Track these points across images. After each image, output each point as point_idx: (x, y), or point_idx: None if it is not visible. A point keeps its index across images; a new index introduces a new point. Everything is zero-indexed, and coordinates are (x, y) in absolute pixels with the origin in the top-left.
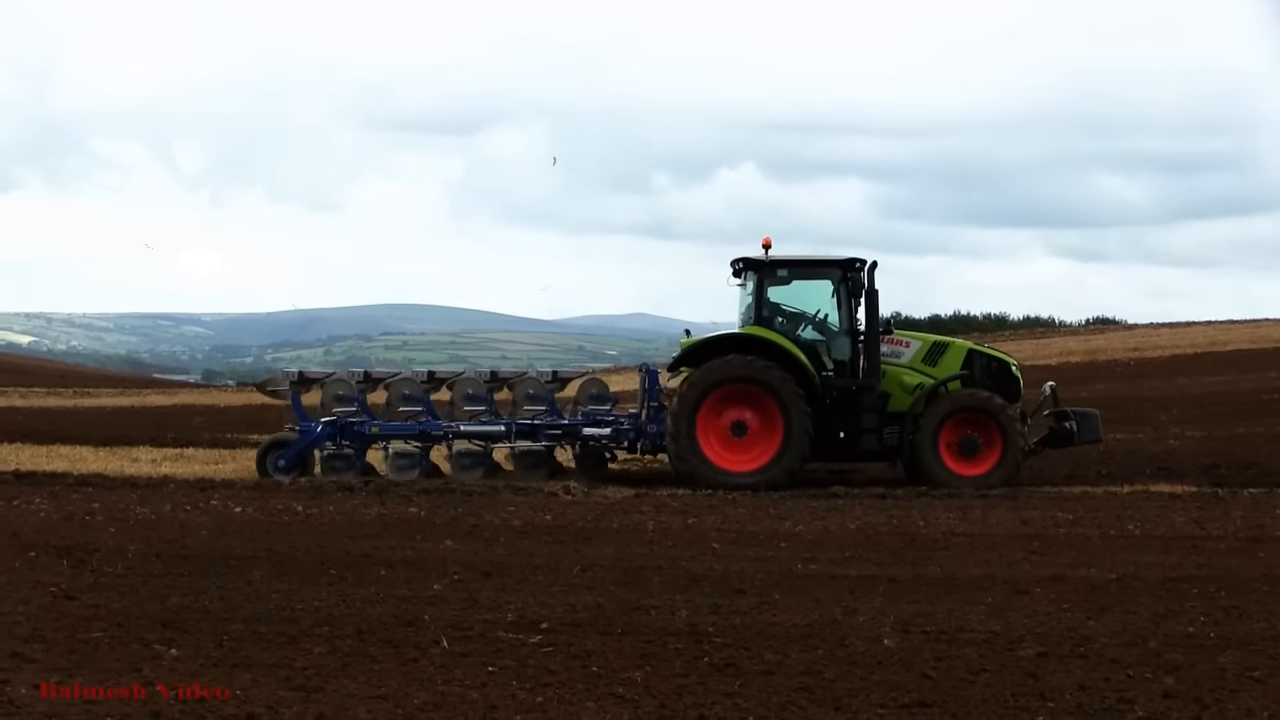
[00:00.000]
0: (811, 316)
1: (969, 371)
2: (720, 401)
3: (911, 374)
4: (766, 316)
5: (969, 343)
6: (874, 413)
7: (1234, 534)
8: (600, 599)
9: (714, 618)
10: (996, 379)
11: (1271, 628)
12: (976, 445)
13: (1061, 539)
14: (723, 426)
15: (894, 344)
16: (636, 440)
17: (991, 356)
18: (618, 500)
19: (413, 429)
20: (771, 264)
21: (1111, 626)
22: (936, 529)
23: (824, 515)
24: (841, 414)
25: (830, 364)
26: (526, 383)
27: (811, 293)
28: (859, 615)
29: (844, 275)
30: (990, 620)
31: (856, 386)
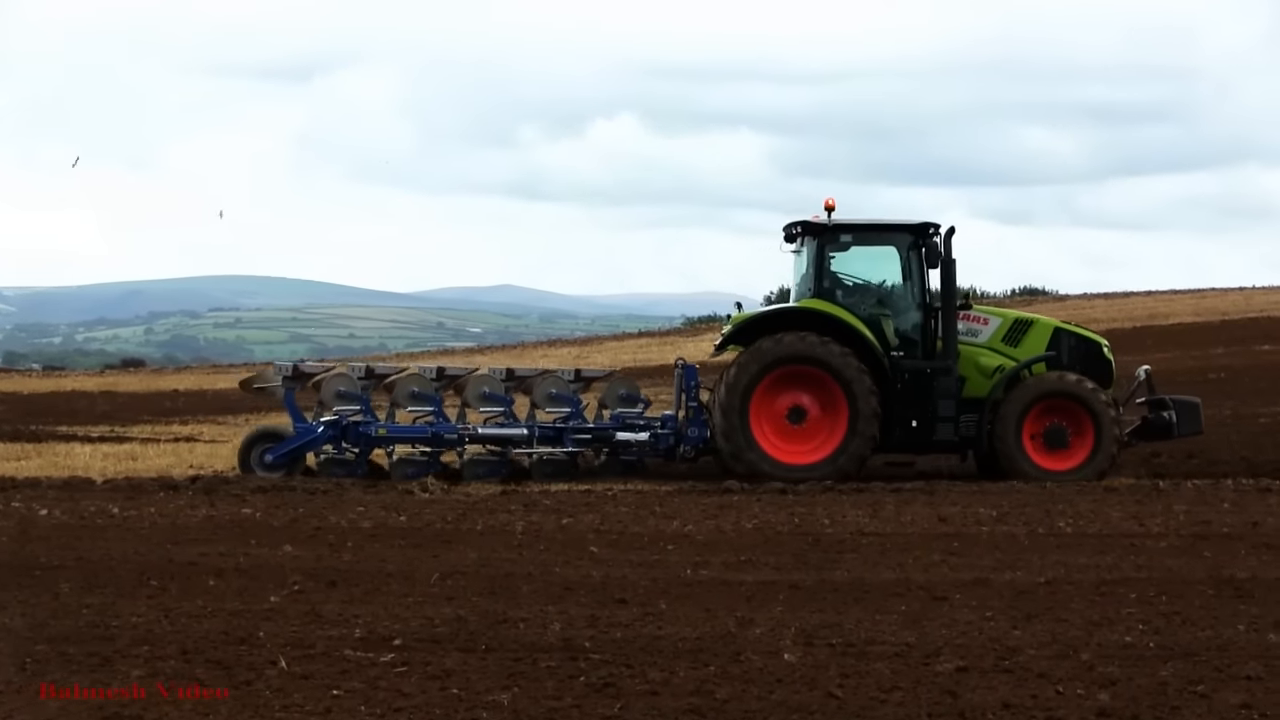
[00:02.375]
0: (877, 288)
1: (1056, 353)
2: (775, 385)
3: (990, 355)
4: (828, 288)
5: (1055, 320)
6: (949, 398)
7: (1176, 531)
8: (462, 611)
9: (591, 631)
10: (1085, 362)
11: (1218, 636)
12: (1065, 436)
13: (984, 538)
14: (778, 413)
15: (970, 320)
16: (677, 444)
17: (1081, 336)
18: (482, 498)
19: (424, 432)
20: (835, 228)
21: (1040, 636)
22: (844, 528)
23: (716, 514)
24: (913, 399)
25: (897, 342)
26: (548, 381)
27: (876, 261)
28: (756, 626)
29: (916, 242)
30: (904, 631)
31: (930, 368)
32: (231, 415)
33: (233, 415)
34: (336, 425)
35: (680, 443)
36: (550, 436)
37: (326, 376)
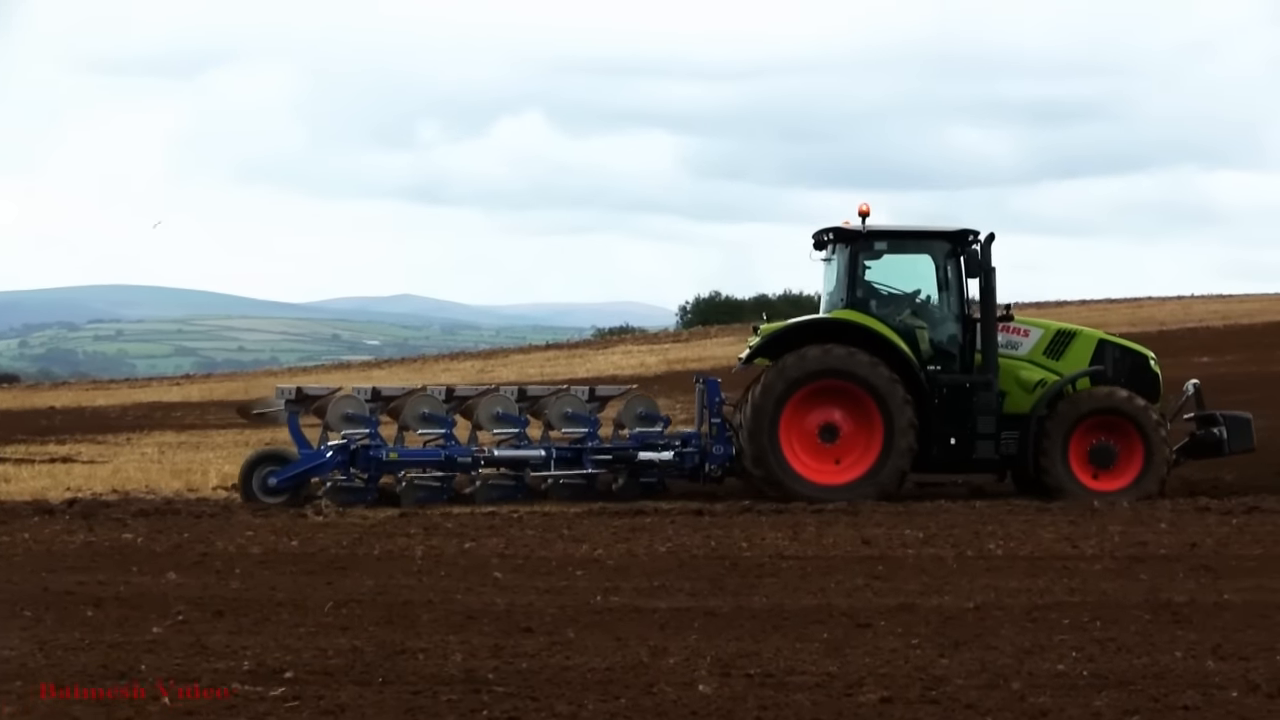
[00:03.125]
0: (912, 298)
1: (1102, 366)
2: (806, 401)
3: (1031, 368)
4: (861, 298)
5: (1099, 332)
6: (990, 414)
7: (1111, 553)
8: (357, 641)
9: (495, 661)
10: (1131, 375)
11: (1154, 663)
12: (1113, 454)
13: (910, 562)
14: (808, 430)
15: (1010, 332)
16: (702, 464)
17: (1126, 349)
18: (379, 521)
19: (436, 455)
20: (869, 235)
21: (968, 665)
22: (763, 552)
23: (628, 537)
24: (951, 415)
25: (933, 355)
26: (563, 400)
27: (910, 270)
28: (670, 656)
29: (954, 250)
30: (826, 660)
31: (970, 383)
32: (112, 434)
33: (113, 434)
34: (344, 449)
35: (705, 462)
36: (569, 458)
37: (332, 399)
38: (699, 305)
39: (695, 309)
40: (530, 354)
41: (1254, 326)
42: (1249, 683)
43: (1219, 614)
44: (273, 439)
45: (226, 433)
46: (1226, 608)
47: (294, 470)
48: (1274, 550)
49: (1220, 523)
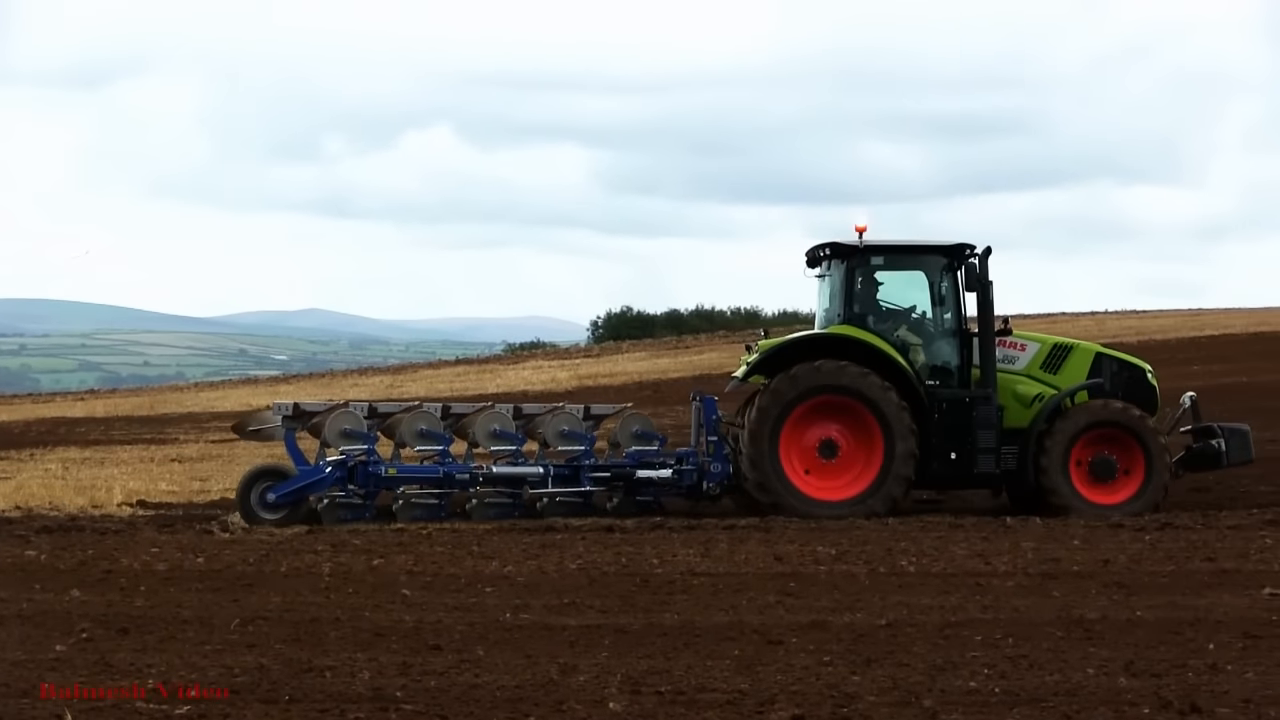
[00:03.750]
0: (910, 313)
1: (1100, 380)
2: (805, 417)
3: (1028, 383)
4: (858, 314)
5: (1096, 345)
6: (990, 429)
7: (1024, 569)
8: (264, 659)
9: (403, 679)
10: (1128, 388)
11: (1066, 680)
12: (1114, 468)
13: (822, 578)
14: (807, 446)
15: (1007, 346)
16: (700, 482)
17: (1124, 362)
18: (286, 538)
19: (434, 472)
20: (866, 250)
21: (880, 682)
22: (674, 568)
23: (538, 553)
24: (952, 430)
25: (930, 370)
26: (559, 418)
27: (906, 285)
28: (580, 674)
29: (951, 264)
30: (737, 677)
31: (969, 398)
32: (15, 450)
33: (16, 450)
34: (343, 466)
35: (703, 480)
36: (566, 476)
37: (330, 415)
38: (611, 320)
39: (607, 324)
40: (440, 369)
41: (1168, 342)
42: (1161, 700)
43: (1131, 631)
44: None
45: (131, 449)
46: (1139, 624)
47: (292, 486)
48: (1186, 567)
49: (1133, 539)
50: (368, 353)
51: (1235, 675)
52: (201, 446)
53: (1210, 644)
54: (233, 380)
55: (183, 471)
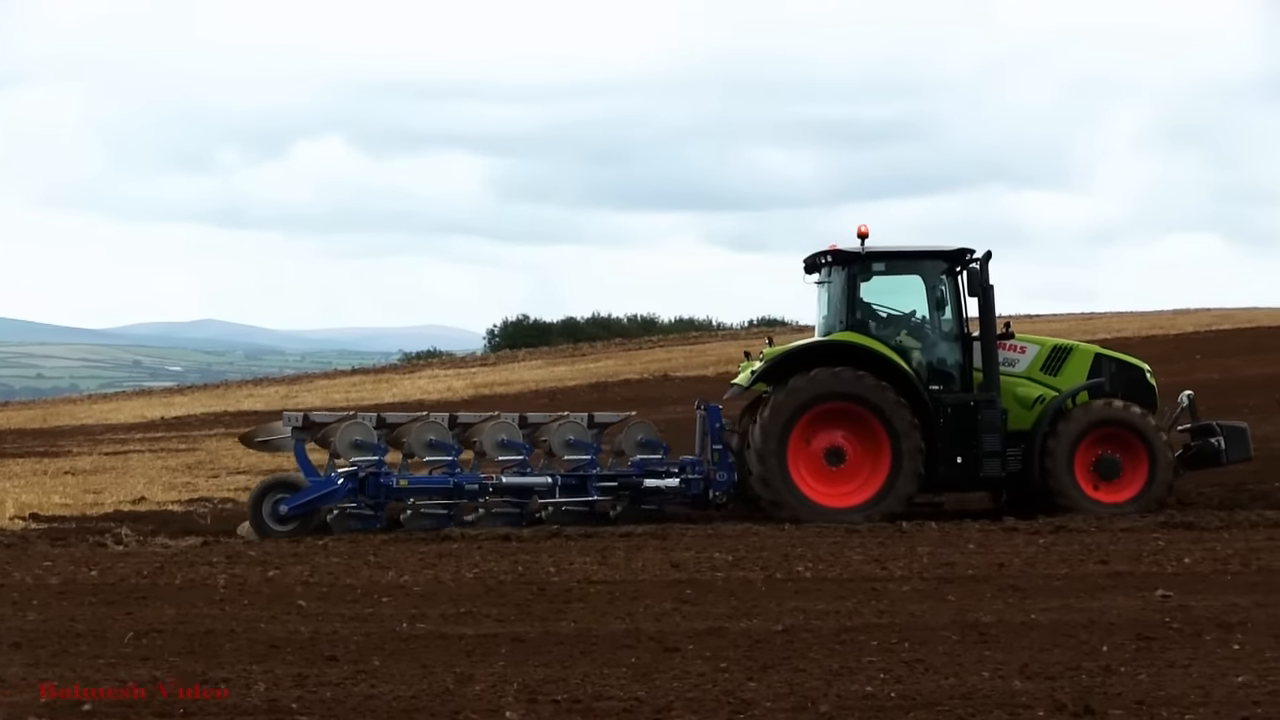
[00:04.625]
0: (910, 318)
1: (1103, 380)
2: (812, 424)
3: (1029, 385)
4: (860, 320)
5: (1095, 346)
6: (995, 432)
7: (920, 574)
8: (158, 672)
9: (299, 691)
10: (1128, 388)
11: (961, 684)
12: (1118, 467)
13: (719, 585)
14: (814, 454)
15: (1007, 349)
16: (706, 490)
17: (1123, 362)
18: (181, 550)
19: (445, 482)
20: (868, 256)
21: (776, 688)
22: (571, 576)
23: (435, 563)
24: (957, 434)
25: (932, 375)
26: (565, 428)
27: (905, 290)
28: (476, 683)
29: (952, 268)
30: (634, 684)
31: (973, 401)
32: None
33: None
34: (354, 477)
35: (709, 488)
36: (573, 485)
37: (340, 426)
38: (507, 328)
39: (504, 332)
40: (335, 379)
41: None
42: (1055, 702)
43: (1026, 634)
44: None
45: (24, 461)
46: (1033, 627)
47: (305, 498)
48: (1080, 570)
49: (1028, 542)
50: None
51: (1128, 677)
52: (95, 459)
53: (1104, 646)
54: (126, 392)
55: (76, 484)
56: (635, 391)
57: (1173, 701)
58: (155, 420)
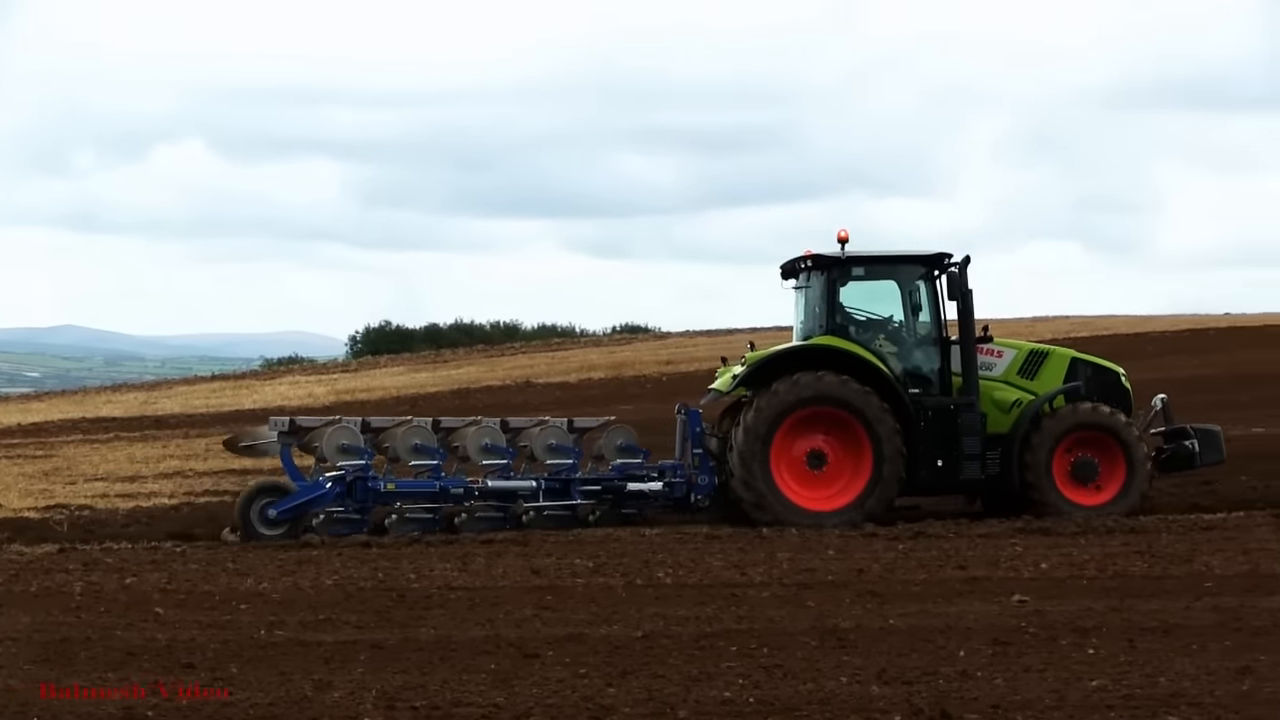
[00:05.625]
0: (889, 322)
1: (1079, 383)
2: (794, 428)
3: (1006, 389)
4: (840, 324)
5: (1071, 351)
6: (975, 436)
7: (779, 580)
8: (11, 680)
9: (155, 699)
10: (1103, 391)
11: (820, 689)
12: (1095, 470)
13: (579, 591)
14: (796, 457)
15: (985, 354)
16: (689, 494)
17: (1099, 366)
18: (37, 557)
19: (431, 486)
20: (848, 261)
21: (635, 694)
22: (431, 583)
23: (294, 569)
24: (937, 438)
25: (911, 378)
26: (547, 432)
27: (884, 294)
28: (334, 690)
29: (931, 272)
30: (493, 691)
31: (954, 405)
32: None
33: None
34: (342, 481)
35: (691, 492)
36: (557, 489)
37: (326, 430)
38: (369, 335)
39: (366, 338)
40: (195, 385)
41: None
42: (912, 707)
43: (884, 639)
44: None
45: None
46: (891, 633)
47: (294, 502)
48: (938, 575)
49: (887, 548)
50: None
51: (985, 681)
52: None
53: (961, 651)
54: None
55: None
56: (497, 398)
57: (1028, 705)
58: (12, 427)
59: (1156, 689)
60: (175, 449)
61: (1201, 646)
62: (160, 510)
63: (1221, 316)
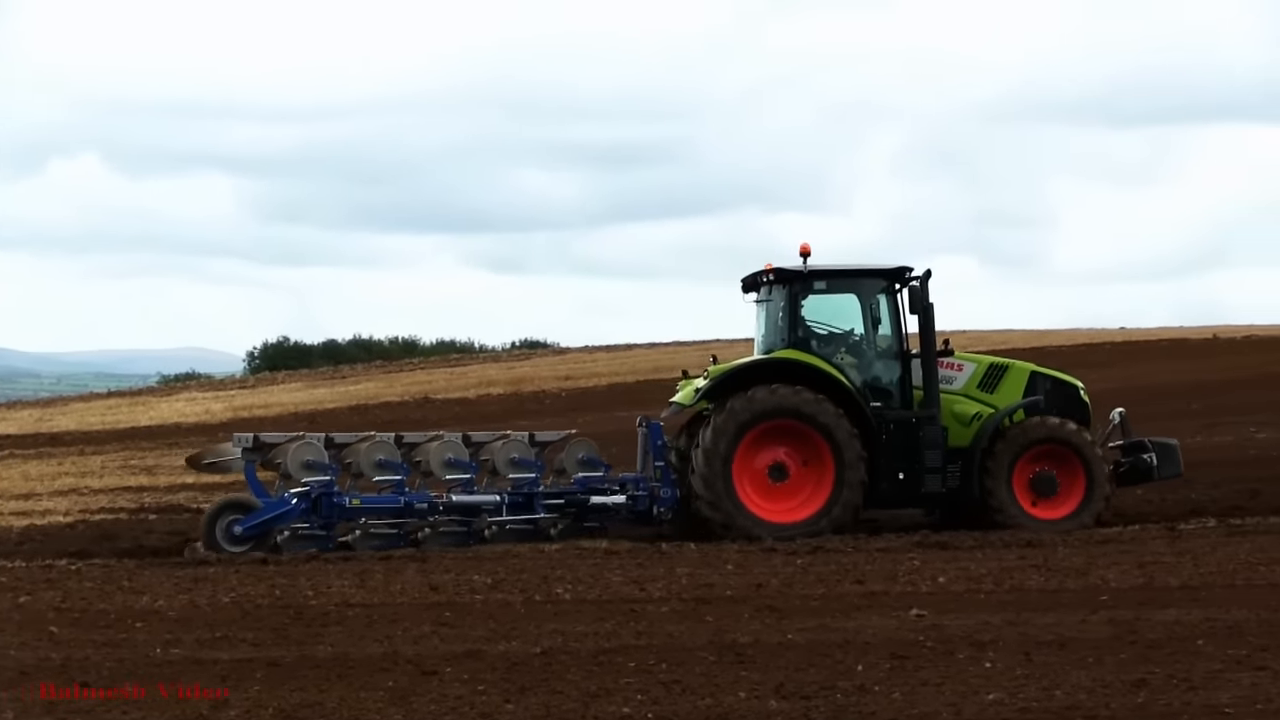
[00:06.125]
0: (851, 336)
1: (1039, 397)
2: (756, 441)
3: (966, 402)
4: (802, 338)
5: (1030, 365)
6: (936, 449)
7: (678, 595)
8: None
9: (49, 719)
10: (1062, 405)
11: (718, 704)
12: (1054, 484)
13: (478, 607)
14: (758, 470)
15: (944, 367)
16: (651, 507)
17: (1057, 379)
18: None
19: (395, 502)
20: (810, 275)
21: (534, 710)
22: (329, 600)
23: (190, 587)
24: (898, 451)
25: (873, 392)
26: (509, 446)
27: (846, 308)
28: (231, 708)
29: (892, 286)
30: (391, 708)
31: (915, 418)
32: None
33: None
34: (307, 497)
35: (654, 505)
36: (520, 504)
37: (291, 447)
38: (267, 350)
39: (264, 354)
40: (91, 402)
41: None
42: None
43: (782, 654)
44: None
45: None
46: (790, 647)
47: (260, 518)
48: (837, 589)
49: (786, 563)
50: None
51: (883, 695)
52: None
53: (859, 665)
54: None
55: None
56: (396, 414)
57: (925, 719)
58: None
59: (1053, 702)
60: (71, 466)
61: (1097, 659)
62: (55, 528)
63: (1116, 330)
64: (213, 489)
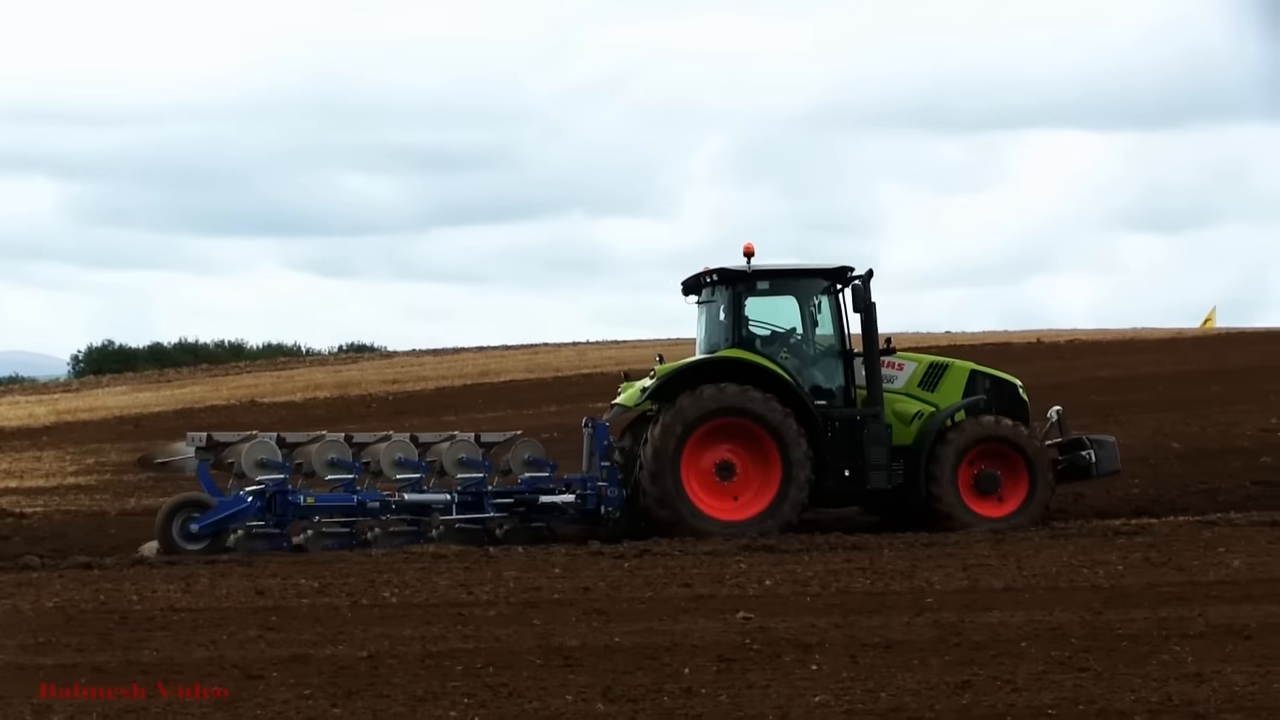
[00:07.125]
0: (794, 335)
1: (982, 396)
2: (702, 440)
3: (908, 401)
4: (746, 337)
5: (970, 363)
6: (881, 446)
7: (506, 599)
8: None
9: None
10: (1001, 403)
11: (545, 707)
12: (998, 482)
13: (305, 612)
14: (704, 468)
15: (886, 366)
16: (599, 506)
17: (996, 378)
18: None
19: (349, 500)
20: (753, 275)
21: (360, 714)
22: (154, 604)
23: (13, 592)
24: (844, 448)
25: (816, 390)
26: (457, 446)
27: (788, 308)
28: (54, 715)
29: (834, 286)
30: (217, 713)
31: (860, 416)
32: None
33: None
34: (263, 495)
35: (602, 504)
36: (469, 503)
37: (244, 446)
38: (92, 354)
39: (88, 357)
40: None
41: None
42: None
43: (610, 657)
44: None
45: None
46: (617, 650)
47: (215, 516)
48: (664, 593)
49: (613, 566)
50: None
51: (709, 698)
52: None
53: (686, 668)
54: None
55: None
56: (222, 418)
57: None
58: None
59: (878, 704)
60: None
61: (922, 661)
62: None
63: (943, 334)
64: (35, 494)
